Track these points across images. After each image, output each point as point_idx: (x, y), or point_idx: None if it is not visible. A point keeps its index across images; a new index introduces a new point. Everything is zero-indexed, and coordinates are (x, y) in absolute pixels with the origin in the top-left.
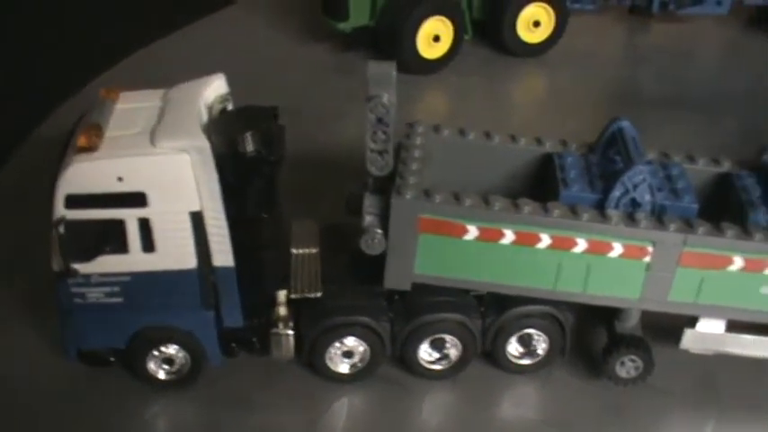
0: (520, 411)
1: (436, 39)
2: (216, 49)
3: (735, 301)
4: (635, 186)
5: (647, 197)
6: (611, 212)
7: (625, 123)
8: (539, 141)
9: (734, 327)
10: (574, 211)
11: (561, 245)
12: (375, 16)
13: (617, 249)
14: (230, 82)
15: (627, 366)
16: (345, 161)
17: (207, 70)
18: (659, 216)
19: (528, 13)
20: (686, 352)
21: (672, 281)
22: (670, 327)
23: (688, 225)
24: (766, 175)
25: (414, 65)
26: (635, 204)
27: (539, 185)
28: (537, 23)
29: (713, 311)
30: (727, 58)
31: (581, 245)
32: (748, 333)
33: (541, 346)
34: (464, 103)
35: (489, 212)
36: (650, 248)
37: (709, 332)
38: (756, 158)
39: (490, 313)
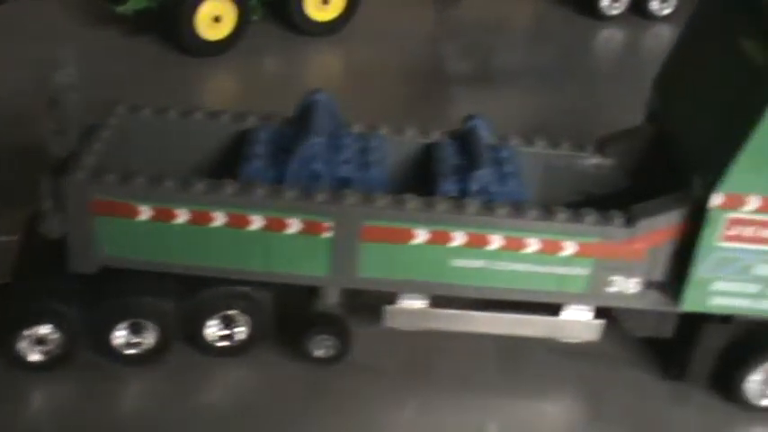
0: (221, 396)
1: (217, 19)
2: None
3: (427, 275)
4: (310, 159)
5: (320, 168)
6: (287, 188)
7: (321, 96)
8: (239, 118)
9: (438, 302)
10: (248, 189)
11: (237, 223)
12: None
13: (294, 226)
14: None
15: (322, 345)
16: None
17: None
18: (339, 190)
19: None
20: (403, 330)
21: (358, 256)
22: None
23: (367, 199)
24: (467, 143)
25: (195, 47)
26: (314, 177)
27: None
28: (326, 1)
29: (408, 287)
30: (536, 32)
31: (257, 222)
32: (453, 308)
33: (242, 328)
34: (251, 84)
35: (160, 192)
36: (329, 224)
37: (409, 308)
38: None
39: (186, 296)
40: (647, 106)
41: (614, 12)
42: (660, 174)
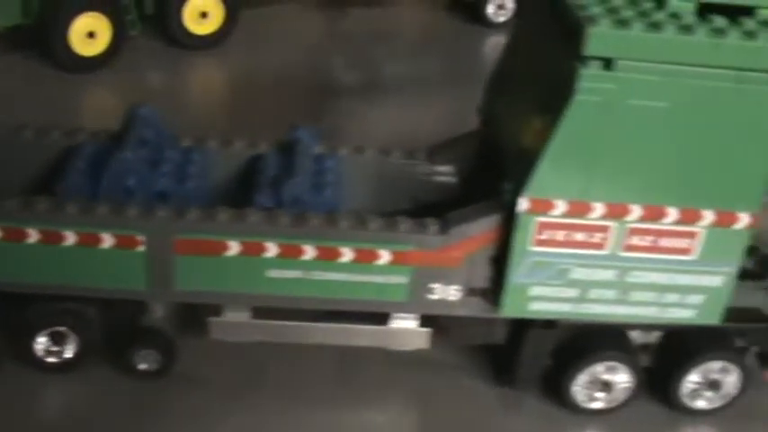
0: (51, 413)
1: (91, 35)
2: None
3: (244, 286)
4: (123, 174)
5: (133, 183)
6: (99, 204)
7: (142, 110)
8: (69, 134)
9: (265, 313)
10: (60, 205)
11: (51, 239)
12: (32, 14)
13: (107, 241)
14: None
15: (146, 359)
16: None
17: None
18: (154, 203)
19: (195, 3)
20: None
21: (173, 270)
22: None
23: (178, 212)
24: (289, 154)
25: (70, 63)
26: (128, 192)
27: None
28: (204, 14)
29: (227, 299)
30: (424, 41)
31: (70, 238)
32: (279, 319)
33: (70, 345)
34: (131, 99)
35: None
36: (142, 238)
37: (233, 321)
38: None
39: (12, 313)
40: (478, 111)
41: (501, 19)
42: (488, 180)
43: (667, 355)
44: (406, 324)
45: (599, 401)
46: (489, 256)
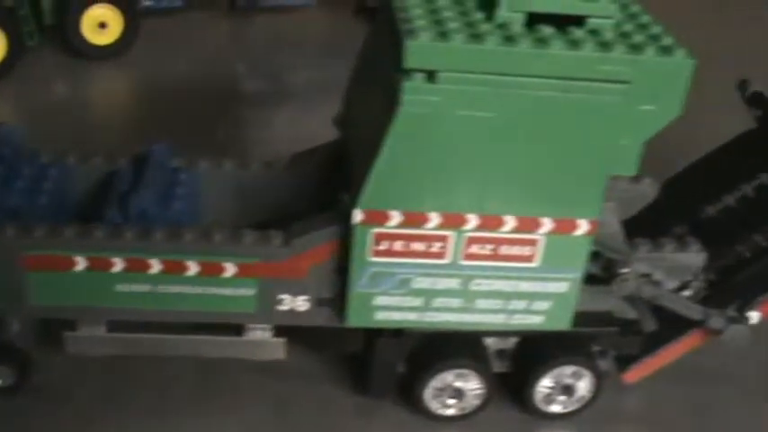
0: None
1: None
2: None
3: (96, 301)
4: None
5: None
6: None
7: (3, 129)
8: None
9: (123, 327)
10: None
11: None
12: None
13: None
14: None
15: (1, 375)
16: None
17: None
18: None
19: (93, 14)
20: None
21: (25, 285)
22: None
23: (24, 229)
24: (143, 168)
25: None
26: None
27: None
28: (103, 25)
29: (80, 313)
30: (331, 47)
31: None
32: (137, 332)
33: None
34: (30, 112)
35: None
36: None
37: (88, 335)
38: None
39: None
40: (334, 120)
41: None
42: (340, 190)
43: (522, 360)
44: (260, 335)
45: (451, 408)
46: (334, 266)
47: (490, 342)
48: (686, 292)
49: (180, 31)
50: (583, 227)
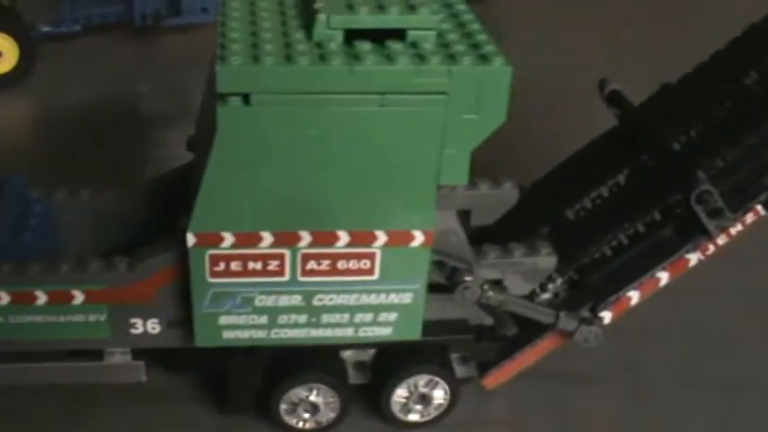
0: None
1: None
2: None
3: None
4: None
5: None
6: None
7: None
8: None
9: None
10: None
11: None
12: None
13: None
14: None
15: None
16: None
17: None
18: None
19: None
20: None
21: None
22: None
23: None
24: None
25: None
26: None
27: None
28: None
29: None
30: None
31: None
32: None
33: None
34: None
35: None
36: None
37: None
38: None
39: None
40: (187, 144)
41: None
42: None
43: (378, 371)
44: (119, 359)
45: (307, 422)
46: (180, 288)
47: (348, 354)
48: (545, 295)
49: (82, 54)
50: (418, 238)
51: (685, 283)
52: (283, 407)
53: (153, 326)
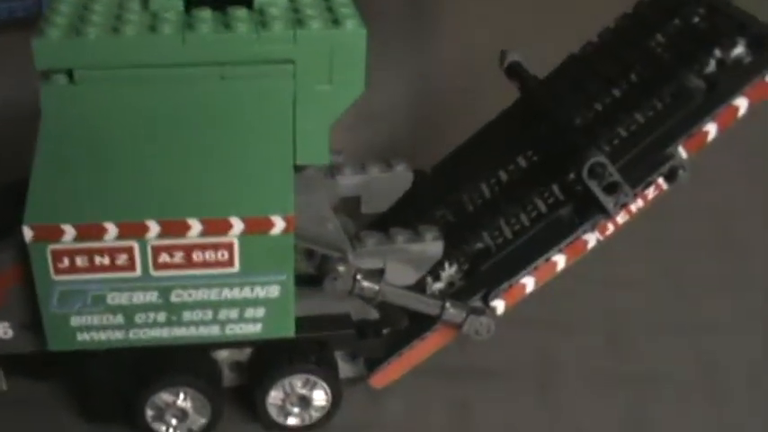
0: None
1: None
2: None
3: None
4: None
5: None
6: None
7: None
8: None
9: None
10: None
11: None
12: None
13: None
14: None
15: None
16: None
17: None
18: None
19: None
20: None
21: None
22: None
23: None
24: None
25: None
26: None
27: None
28: None
29: None
30: None
31: None
32: None
33: None
34: None
35: None
36: None
37: None
38: None
39: None
40: None
41: None
42: None
43: (253, 372)
44: None
45: (176, 429)
46: (29, 289)
47: (224, 355)
48: (438, 285)
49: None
50: (278, 224)
51: (595, 272)
52: (150, 413)
53: (4, 330)
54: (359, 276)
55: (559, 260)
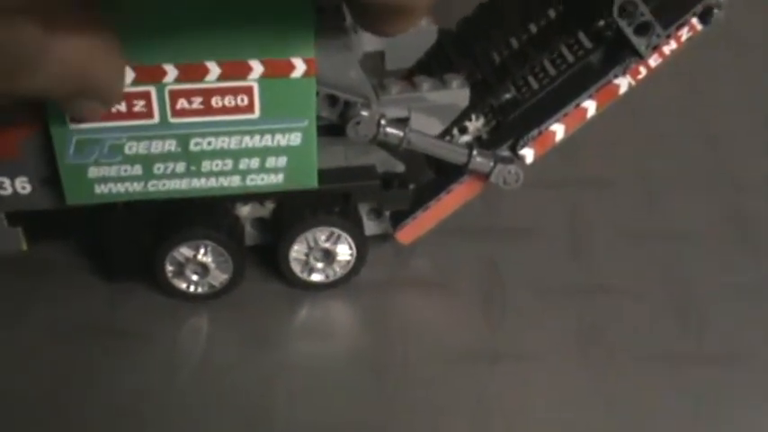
0: None
1: None
2: None
3: None
4: None
5: None
6: None
7: None
8: None
9: None
10: None
11: None
12: None
13: None
14: None
15: None
16: None
17: None
18: None
19: None
20: None
21: None
22: None
23: None
24: None
25: None
26: None
27: None
28: None
29: None
30: None
31: None
32: None
33: None
34: None
35: None
36: None
37: None
38: None
39: None
40: None
41: None
42: None
43: (276, 227)
44: None
45: (198, 285)
46: (45, 140)
47: (246, 211)
48: (465, 137)
49: None
50: (299, 67)
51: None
52: (170, 268)
53: (23, 185)
54: (383, 122)
55: (590, 106)
